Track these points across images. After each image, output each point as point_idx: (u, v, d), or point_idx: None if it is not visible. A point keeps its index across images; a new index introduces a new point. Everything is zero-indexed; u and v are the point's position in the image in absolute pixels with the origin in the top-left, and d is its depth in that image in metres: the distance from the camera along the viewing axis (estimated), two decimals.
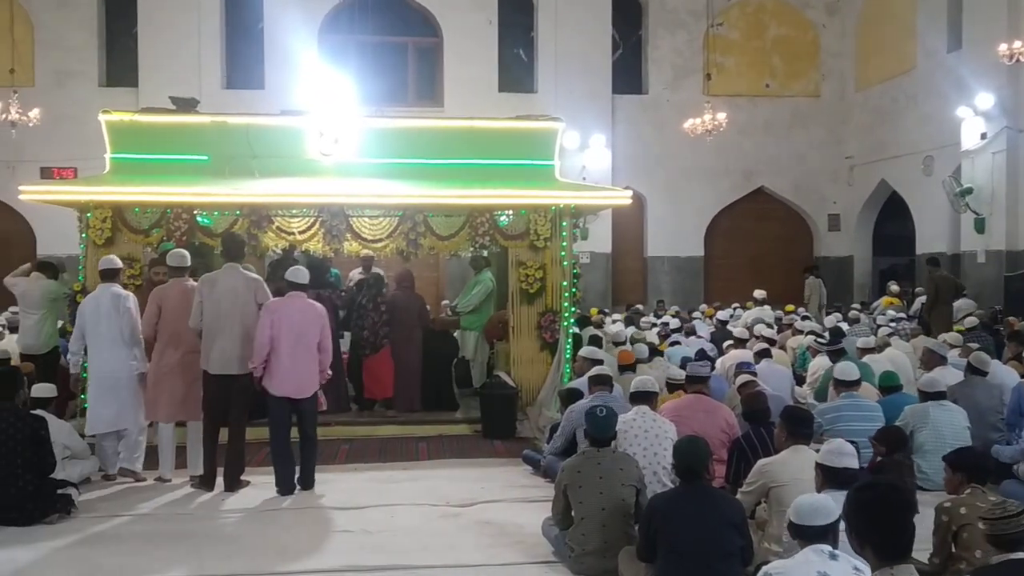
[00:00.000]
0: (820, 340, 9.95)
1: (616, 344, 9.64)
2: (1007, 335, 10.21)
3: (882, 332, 10.65)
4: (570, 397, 7.12)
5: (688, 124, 17.46)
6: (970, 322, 11.13)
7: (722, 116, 16.99)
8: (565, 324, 9.10)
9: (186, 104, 9.27)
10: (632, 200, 10.44)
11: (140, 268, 8.56)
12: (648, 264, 19.45)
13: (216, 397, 6.72)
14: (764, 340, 9.55)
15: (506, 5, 18.54)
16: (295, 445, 6.75)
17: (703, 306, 16.42)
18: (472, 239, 9.10)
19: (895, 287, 15.33)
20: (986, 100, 14.58)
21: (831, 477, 4.13)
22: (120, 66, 17.98)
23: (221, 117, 9.01)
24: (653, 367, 8.58)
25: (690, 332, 11.88)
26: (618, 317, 14.19)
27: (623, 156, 18.71)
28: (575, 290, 9.35)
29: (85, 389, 7.31)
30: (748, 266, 19.30)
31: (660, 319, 13.74)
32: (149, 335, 7.01)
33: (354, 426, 8.78)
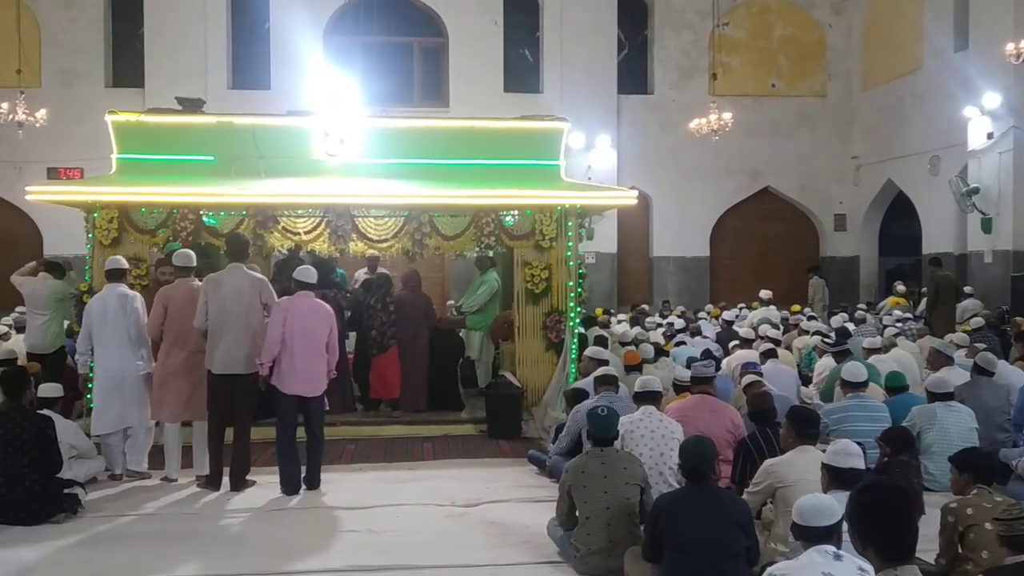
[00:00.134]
0: (826, 340, 9.94)
1: (623, 344, 9.65)
2: (1014, 335, 10.16)
3: (888, 332, 10.61)
4: (575, 397, 7.10)
5: (694, 124, 17.42)
6: (976, 322, 11.08)
7: (728, 116, 16.91)
8: (570, 324, 9.08)
9: (192, 104, 9.27)
10: (638, 200, 10.41)
11: (146, 268, 8.57)
12: (654, 264, 19.41)
13: (221, 397, 6.73)
14: (770, 340, 9.56)
15: (511, 5, 18.52)
16: (301, 445, 6.77)
17: (709, 306, 16.41)
18: (478, 239, 9.10)
19: (901, 287, 15.30)
20: (993, 100, 14.53)
21: (837, 477, 4.11)
22: (126, 66, 18.01)
23: (227, 117, 9.03)
24: (659, 367, 8.58)
25: (696, 332, 11.86)
26: (623, 317, 14.16)
27: (628, 156, 18.68)
28: (580, 290, 9.35)
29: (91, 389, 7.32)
30: (754, 266, 19.27)
31: (665, 319, 13.73)
32: (155, 335, 7.02)
33: (359, 426, 8.79)
